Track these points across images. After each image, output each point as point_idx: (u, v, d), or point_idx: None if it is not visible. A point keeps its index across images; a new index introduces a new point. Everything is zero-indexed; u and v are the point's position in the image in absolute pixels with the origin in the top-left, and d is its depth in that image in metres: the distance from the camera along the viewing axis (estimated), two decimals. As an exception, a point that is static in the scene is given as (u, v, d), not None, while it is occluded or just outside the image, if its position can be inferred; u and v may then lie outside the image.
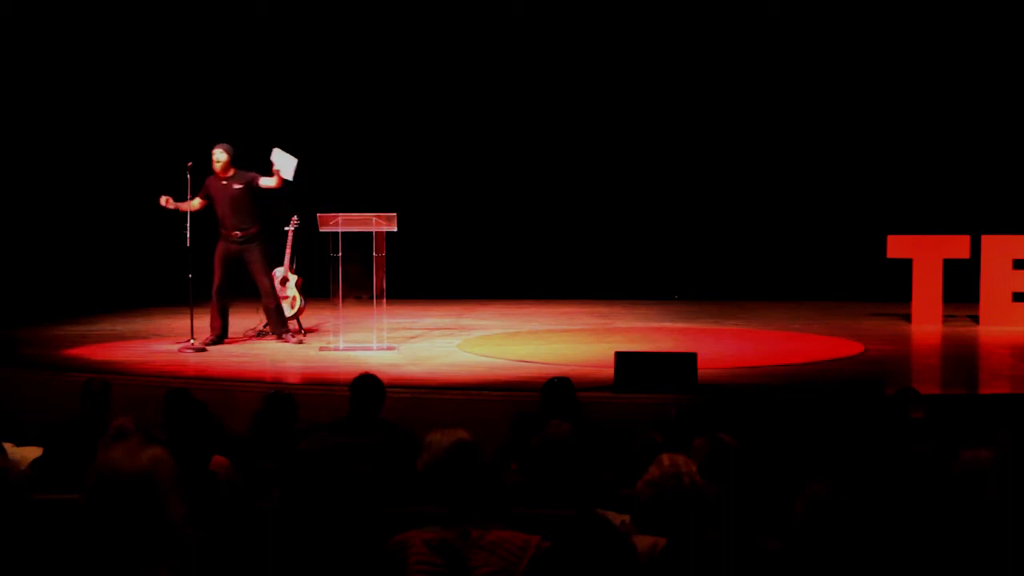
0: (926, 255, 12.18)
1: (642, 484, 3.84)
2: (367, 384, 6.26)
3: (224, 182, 10.45)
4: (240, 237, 10.48)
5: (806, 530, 3.50)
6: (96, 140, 14.08)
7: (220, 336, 10.63)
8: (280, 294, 11.13)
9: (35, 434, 5.89)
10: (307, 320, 11.57)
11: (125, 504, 2.95)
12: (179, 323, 11.59)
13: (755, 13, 14.55)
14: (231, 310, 10.79)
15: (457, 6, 15.19)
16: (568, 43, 15.24)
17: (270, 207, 10.75)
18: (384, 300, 10.56)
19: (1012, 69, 14.25)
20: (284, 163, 10.43)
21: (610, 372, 8.09)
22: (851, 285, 14.17)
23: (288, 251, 11.32)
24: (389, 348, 10.41)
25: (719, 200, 15.29)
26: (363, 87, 15.55)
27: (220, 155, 10.45)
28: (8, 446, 5.34)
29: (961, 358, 10.43)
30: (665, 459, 3.86)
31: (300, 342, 10.78)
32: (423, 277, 14.77)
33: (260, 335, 11.15)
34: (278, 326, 10.83)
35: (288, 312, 11.17)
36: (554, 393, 6.40)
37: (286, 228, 11.40)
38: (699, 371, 8.03)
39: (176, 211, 10.48)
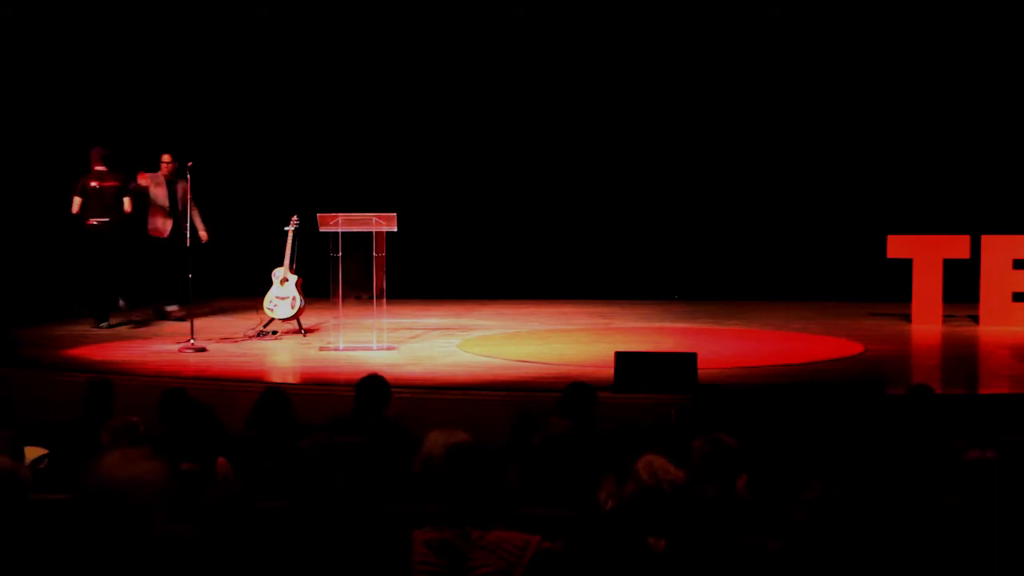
0: (926, 255, 12.17)
1: (628, 491, 3.84)
2: (373, 385, 6.23)
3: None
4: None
5: (806, 530, 3.50)
6: (95, 140, 14.05)
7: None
8: (280, 294, 11.14)
9: (35, 434, 5.89)
10: (307, 320, 11.57)
11: (115, 509, 2.95)
12: (179, 323, 11.60)
13: (756, 14, 14.53)
14: (228, 310, 10.82)
15: (457, 6, 15.18)
16: (568, 44, 15.22)
17: (271, 207, 10.70)
18: (384, 300, 10.56)
19: (1012, 69, 14.23)
20: None
21: (610, 372, 8.09)
22: (851, 285, 14.15)
23: (288, 251, 11.32)
24: (389, 348, 10.41)
25: (719, 200, 15.26)
26: (363, 87, 15.53)
27: None
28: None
29: (961, 358, 10.42)
30: (641, 470, 3.83)
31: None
32: (423, 277, 14.76)
33: (260, 335, 11.15)
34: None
35: (288, 312, 11.17)
36: (576, 396, 6.28)
37: (286, 228, 11.38)
38: (699, 371, 8.03)
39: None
